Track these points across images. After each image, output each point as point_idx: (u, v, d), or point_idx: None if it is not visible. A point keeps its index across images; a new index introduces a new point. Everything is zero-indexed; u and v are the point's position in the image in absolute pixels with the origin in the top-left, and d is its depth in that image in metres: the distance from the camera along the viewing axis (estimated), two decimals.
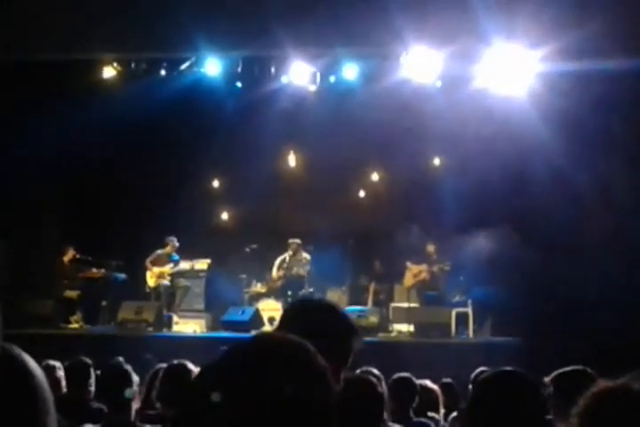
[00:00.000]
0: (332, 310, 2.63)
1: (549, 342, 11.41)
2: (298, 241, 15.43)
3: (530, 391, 2.72)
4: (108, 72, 13.95)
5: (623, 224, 12.31)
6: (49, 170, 14.76)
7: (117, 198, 15.71)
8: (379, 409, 3.50)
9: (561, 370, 4.97)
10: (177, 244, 15.13)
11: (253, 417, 1.51)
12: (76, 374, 6.34)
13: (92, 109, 13.44)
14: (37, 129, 13.42)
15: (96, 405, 5.66)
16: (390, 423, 4.25)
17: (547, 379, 5.12)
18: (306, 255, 15.44)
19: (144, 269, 15.06)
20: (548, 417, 2.71)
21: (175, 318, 14.50)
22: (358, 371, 4.37)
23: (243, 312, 14.28)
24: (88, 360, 6.62)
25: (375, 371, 5.04)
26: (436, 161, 16.27)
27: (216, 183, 16.96)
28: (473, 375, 6.39)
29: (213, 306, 15.49)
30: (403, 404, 5.50)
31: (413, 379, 5.82)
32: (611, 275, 12.02)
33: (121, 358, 5.31)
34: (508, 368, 2.85)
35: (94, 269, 15.11)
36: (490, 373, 2.84)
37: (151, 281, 14.96)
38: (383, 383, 4.00)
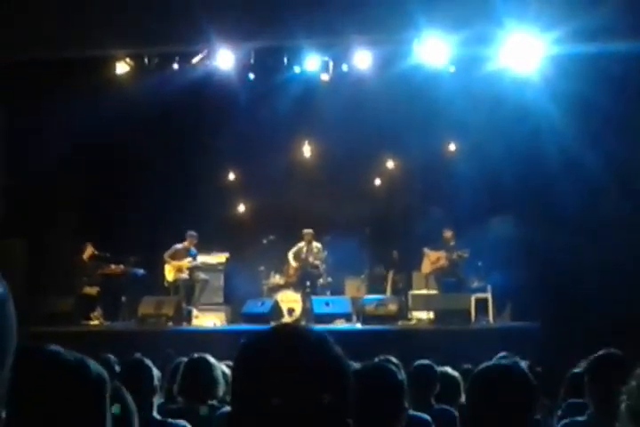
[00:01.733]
0: None
1: (569, 326, 11.37)
2: (311, 231, 15.42)
3: (518, 387, 2.70)
4: (122, 68, 13.96)
5: (636, 205, 12.23)
6: (65, 167, 14.82)
7: (134, 194, 15.72)
8: (399, 397, 3.47)
9: (597, 354, 4.94)
10: (196, 239, 15.12)
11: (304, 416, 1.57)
12: None
13: (106, 105, 13.46)
14: (52, 127, 13.44)
15: None
16: (411, 411, 4.24)
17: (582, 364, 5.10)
18: (317, 245, 15.42)
19: (162, 264, 15.06)
20: (537, 417, 2.70)
21: (195, 312, 14.52)
22: (377, 359, 4.35)
23: (262, 304, 14.30)
24: (113, 357, 6.64)
25: (394, 359, 5.02)
26: (451, 146, 16.21)
27: (231, 176, 16.96)
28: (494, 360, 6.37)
29: (233, 299, 15.52)
30: (423, 391, 5.48)
31: (434, 366, 5.80)
32: (630, 257, 11.96)
33: (138, 354, 5.30)
34: (502, 362, 2.84)
35: (113, 266, 15.14)
36: (482, 367, 2.83)
37: (170, 275, 14.98)
38: (402, 371, 3.97)
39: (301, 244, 15.49)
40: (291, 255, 15.53)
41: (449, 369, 6.35)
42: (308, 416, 1.58)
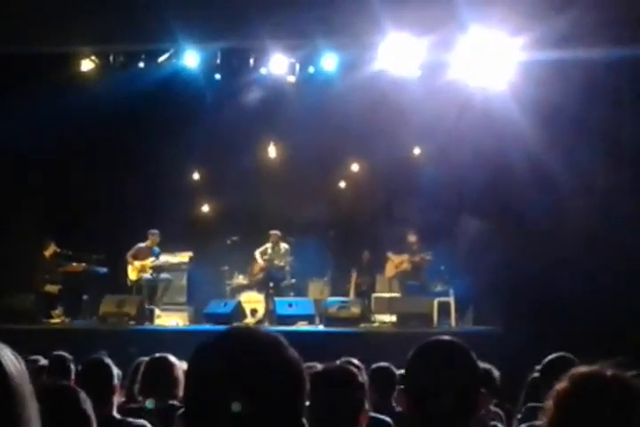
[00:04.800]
0: None
1: (531, 330, 11.45)
2: (278, 233, 15.42)
3: (462, 359, 2.70)
4: (87, 65, 13.87)
5: (603, 212, 12.35)
6: (27, 164, 14.71)
7: (97, 192, 15.64)
8: (360, 399, 3.49)
9: (549, 357, 5.01)
10: (158, 237, 15.06)
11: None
12: (56, 370, 6.30)
13: (70, 102, 13.37)
14: (15, 124, 13.33)
15: None
16: (372, 413, 4.26)
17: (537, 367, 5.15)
18: (285, 246, 15.44)
19: (125, 263, 14.99)
20: (482, 390, 2.68)
21: (157, 312, 14.47)
22: (338, 361, 4.36)
23: (225, 305, 14.28)
24: (68, 355, 6.60)
25: (355, 361, 5.04)
26: (416, 151, 16.25)
27: (196, 175, 16.90)
28: None
29: (195, 299, 15.47)
30: (383, 393, 5.50)
31: (393, 368, 5.81)
32: (591, 263, 12.07)
33: (100, 353, 5.27)
34: (442, 338, 2.84)
35: (75, 264, 15.03)
36: (424, 342, 2.82)
37: (132, 275, 14.91)
38: (364, 373, 4.00)
39: (268, 244, 15.48)
40: (257, 254, 15.51)
41: None
42: (260, 417, 1.59)
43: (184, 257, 15.14)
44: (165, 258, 15.14)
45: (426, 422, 2.59)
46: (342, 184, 17.02)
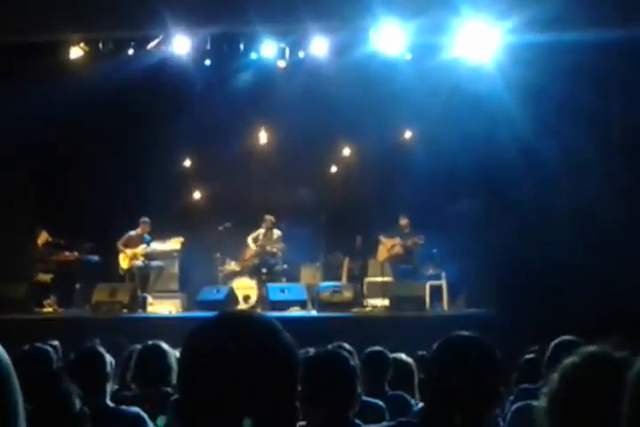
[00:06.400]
0: None
1: (523, 313, 11.49)
2: (272, 218, 15.41)
3: (486, 358, 2.70)
4: (76, 52, 13.80)
5: (591, 193, 12.37)
6: (18, 153, 14.65)
7: (88, 180, 15.59)
8: (352, 383, 3.50)
9: (554, 343, 5.01)
10: (149, 225, 15.02)
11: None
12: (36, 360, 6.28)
13: (60, 90, 13.32)
14: (5, 112, 13.28)
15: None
16: (365, 397, 4.27)
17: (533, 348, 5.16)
18: (277, 231, 15.43)
19: (117, 251, 14.96)
20: (502, 389, 2.70)
21: (150, 299, 14.46)
22: (330, 346, 4.37)
23: (217, 291, 14.28)
24: (57, 343, 6.60)
25: (347, 345, 5.05)
26: (407, 134, 16.24)
27: (187, 162, 16.87)
28: None
29: (188, 286, 15.47)
30: (376, 377, 5.52)
31: (386, 352, 5.83)
32: (581, 245, 12.11)
33: (93, 341, 5.28)
34: (466, 334, 2.83)
35: (67, 253, 14.99)
36: (447, 338, 2.81)
37: (124, 263, 14.88)
38: (356, 357, 4.01)
39: (261, 229, 15.47)
40: (250, 240, 15.49)
41: (403, 356, 6.39)
42: (253, 401, 1.59)
43: (175, 243, 15.09)
44: (157, 245, 15.12)
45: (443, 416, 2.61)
46: (334, 168, 17.01)
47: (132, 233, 15.00)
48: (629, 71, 12.13)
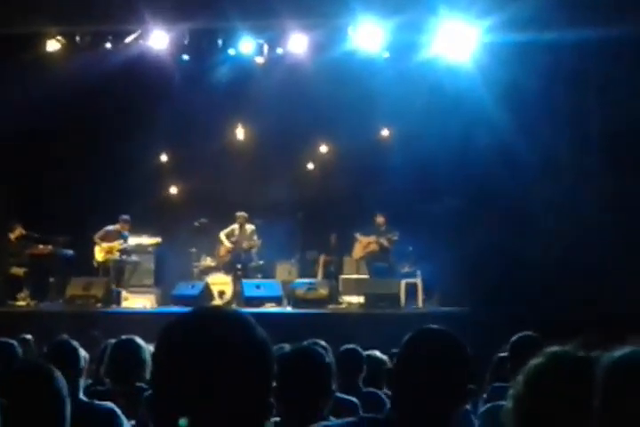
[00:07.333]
0: None
1: (497, 311, 11.53)
2: (245, 214, 15.37)
3: (455, 353, 2.68)
4: (53, 45, 13.72)
5: (568, 192, 12.44)
6: None
7: (64, 174, 15.51)
8: (326, 380, 3.51)
9: (515, 337, 5.06)
10: (129, 224, 14.95)
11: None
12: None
13: (36, 83, 13.24)
14: None
15: None
16: (339, 394, 4.28)
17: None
18: (251, 227, 15.39)
19: (92, 245, 14.89)
20: (471, 386, 2.67)
21: (124, 294, 14.41)
22: (305, 343, 4.38)
23: (193, 286, 14.26)
24: (30, 337, 6.57)
25: (322, 342, 5.05)
26: (385, 132, 16.26)
27: (164, 157, 16.83)
28: None
29: (163, 281, 15.45)
30: (351, 375, 5.53)
31: (359, 350, 5.84)
32: (557, 244, 12.17)
33: (65, 336, 5.25)
34: (436, 327, 2.80)
35: (41, 246, 14.91)
36: (416, 331, 2.77)
37: (99, 256, 14.81)
38: (330, 354, 4.02)
39: (235, 226, 15.44)
40: (222, 235, 15.45)
41: (377, 353, 6.40)
42: (227, 397, 1.59)
43: (152, 242, 15.11)
44: (133, 241, 15.08)
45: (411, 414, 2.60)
46: (311, 165, 17.02)
47: (111, 228, 14.93)
48: (607, 71, 12.20)
